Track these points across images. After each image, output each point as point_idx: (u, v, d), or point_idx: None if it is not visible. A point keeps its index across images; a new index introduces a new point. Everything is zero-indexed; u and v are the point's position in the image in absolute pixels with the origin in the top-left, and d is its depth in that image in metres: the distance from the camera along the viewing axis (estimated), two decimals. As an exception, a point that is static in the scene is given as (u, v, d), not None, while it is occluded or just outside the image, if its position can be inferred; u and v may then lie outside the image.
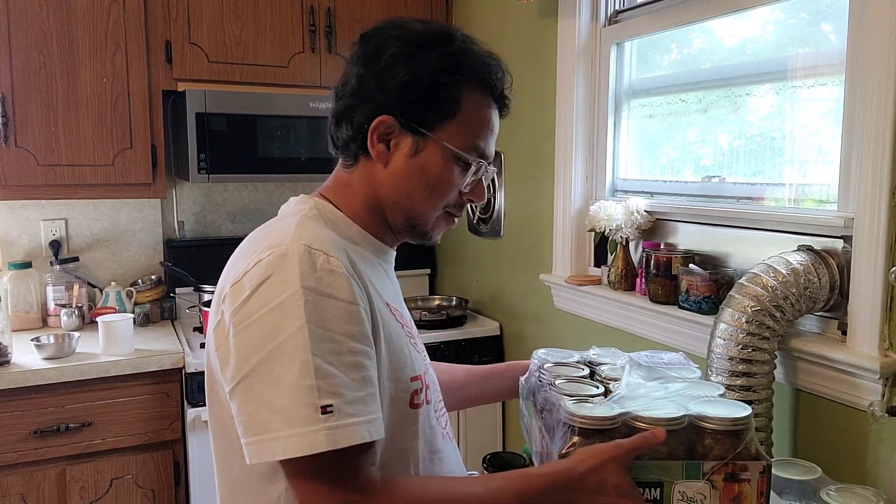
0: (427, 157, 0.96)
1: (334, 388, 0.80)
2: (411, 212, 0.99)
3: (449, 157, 0.96)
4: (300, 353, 0.80)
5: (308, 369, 0.80)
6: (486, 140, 0.99)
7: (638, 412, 0.89)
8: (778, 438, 1.39)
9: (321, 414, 0.79)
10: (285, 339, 0.81)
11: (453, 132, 0.96)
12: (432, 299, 2.74)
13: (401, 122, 0.95)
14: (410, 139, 0.95)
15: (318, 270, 0.84)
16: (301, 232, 0.88)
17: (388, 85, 0.94)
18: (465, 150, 0.97)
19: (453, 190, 0.98)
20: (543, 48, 2.17)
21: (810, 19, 1.53)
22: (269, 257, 0.85)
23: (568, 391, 0.98)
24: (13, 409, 2.00)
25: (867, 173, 1.26)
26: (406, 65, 0.93)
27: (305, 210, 0.97)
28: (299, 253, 0.84)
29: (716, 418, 0.88)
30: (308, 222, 0.93)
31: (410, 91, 0.94)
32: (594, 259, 2.09)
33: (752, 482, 0.87)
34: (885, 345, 1.25)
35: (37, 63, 2.18)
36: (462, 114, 0.96)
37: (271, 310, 0.82)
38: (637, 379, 1.00)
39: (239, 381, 0.83)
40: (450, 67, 0.94)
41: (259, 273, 0.85)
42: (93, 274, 2.61)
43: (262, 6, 2.43)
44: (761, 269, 1.34)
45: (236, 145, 2.36)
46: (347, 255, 0.90)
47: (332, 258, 0.85)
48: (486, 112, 0.98)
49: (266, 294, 0.83)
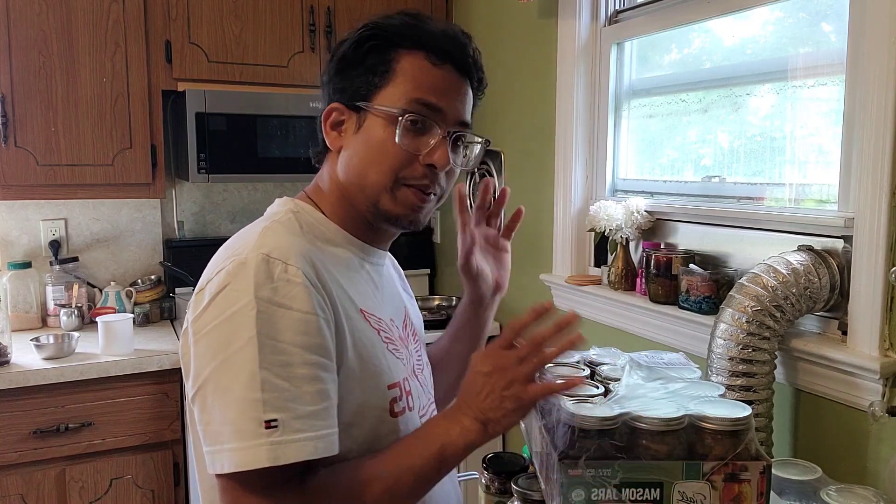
0: (369, 128, 0.93)
1: (282, 402, 0.78)
2: (367, 189, 0.94)
3: (387, 121, 0.91)
4: (248, 364, 0.79)
5: (255, 382, 0.78)
6: (436, 100, 0.92)
7: (638, 412, 0.89)
8: (778, 438, 1.39)
9: (264, 429, 0.77)
10: (235, 351, 0.79)
11: (390, 96, 0.92)
12: (432, 299, 2.74)
13: (347, 105, 0.95)
14: (355, 117, 0.94)
15: (275, 280, 0.82)
16: (263, 240, 0.87)
17: (331, 73, 0.97)
18: (403, 106, 0.91)
19: (399, 153, 0.91)
20: (543, 48, 2.17)
21: (810, 19, 1.53)
22: (229, 265, 0.84)
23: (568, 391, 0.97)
24: (13, 409, 2.00)
25: (867, 173, 1.26)
26: (339, 47, 0.96)
27: (280, 214, 0.95)
28: (256, 262, 0.83)
29: (716, 418, 0.87)
30: (275, 228, 0.91)
31: (344, 70, 0.95)
32: (594, 259, 2.09)
33: (752, 482, 0.87)
34: (885, 345, 1.25)
35: (37, 63, 2.18)
36: (397, 77, 0.92)
37: (225, 320, 0.81)
38: (637, 379, 1.00)
39: (196, 391, 0.83)
40: (375, 35, 0.94)
41: (218, 282, 0.84)
42: (92, 274, 2.61)
43: (262, 6, 2.43)
44: (761, 269, 1.34)
45: (236, 145, 2.36)
46: (314, 264, 0.87)
47: (290, 267, 0.83)
48: (431, 72, 0.93)
49: (222, 304, 0.82)
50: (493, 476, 1.12)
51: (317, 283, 0.85)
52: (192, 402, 0.84)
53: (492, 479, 1.12)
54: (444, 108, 0.93)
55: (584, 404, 0.92)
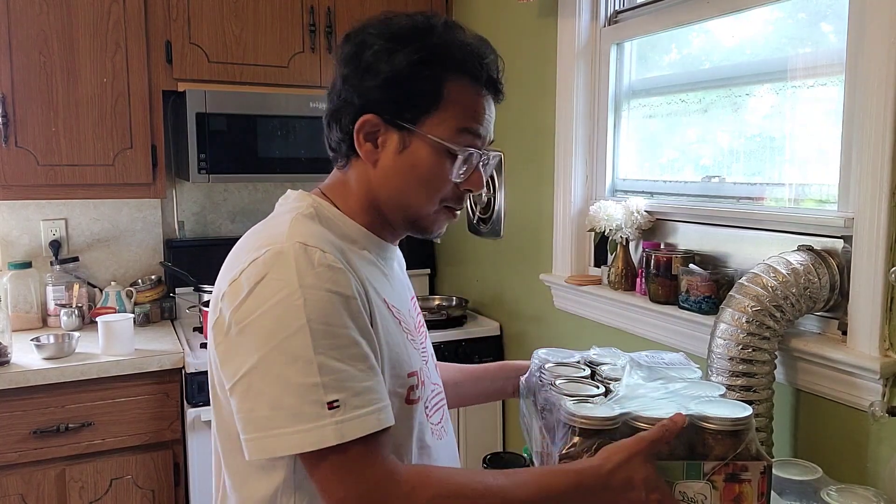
0: (415, 152, 0.95)
1: (340, 382, 0.81)
2: (409, 208, 0.98)
3: (437, 150, 0.94)
4: (302, 351, 0.81)
5: (311, 367, 0.80)
6: (478, 126, 0.97)
7: (638, 412, 0.89)
8: (778, 438, 1.39)
9: (328, 409, 0.80)
10: (286, 338, 0.81)
11: (439, 123, 0.94)
12: (432, 299, 2.74)
13: (385, 120, 0.94)
14: (396, 136, 0.95)
15: (316, 266, 0.84)
16: (295, 229, 0.89)
17: (370, 83, 0.94)
18: (453, 138, 0.95)
19: (447, 183, 0.97)
20: (543, 48, 2.17)
21: (810, 19, 1.53)
22: (264, 255, 0.85)
23: (568, 391, 0.98)
24: (13, 409, 2.00)
25: (867, 173, 1.26)
26: (386, 61, 0.93)
27: (302, 208, 0.97)
28: (295, 250, 0.85)
29: (716, 418, 0.88)
30: (302, 220, 0.93)
31: (391, 87, 0.93)
32: (594, 259, 2.09)
33: (752, 482, 0.87)
34: (885, 345, 1.25)
35: (37, 63, 2.18)
36: (447, 104, 0.94)
37: (270, 308, 0.82)
38: (637, 379, 1.00)
39: (239, 379, 0.84)
40: (428, 59, 0.93)
41: (256, 271, 0.85)
42: (93, 274, 2.61)
43: (262, 6, 2.43)
44: (761, 269, 1.34)
45: (236, 145, 2.36)
46: (342, 251, 0.90)
47: (328, 254, 0.86)
48: (474, 99, 0.96)
49: (264, 292, 0.83)
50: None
51: (351, 269, 0.88)
52: (229, 392, 0.86)
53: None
54: (484, 136, 0.98)
55: (584, 404, 0.92)
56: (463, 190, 0.99)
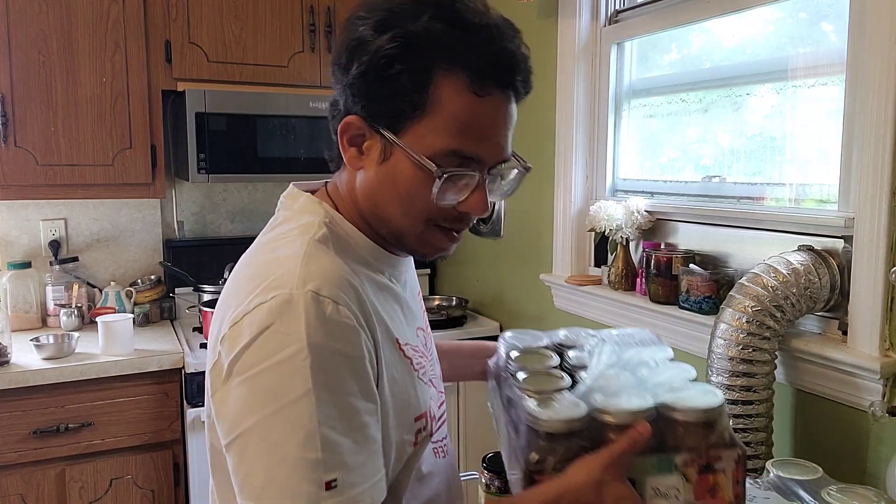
0: (396, 165, 0.81)
1: (339, 457, 0.73)
2: (390, 225, 0.85)
3: (419, 166, 0.79)
4: (305, 421, 0.72)
5: (314, 441, 0.72)
6: (475, 143, 0.80)
7: (604, 406, 0.83)
8: (778, 438, 1.39)
9: (325, 490, 0.72)
10: (288, 404, 0.72)
11: (423, 135, 0.78)
12: (432, 299, 2.74)
13: (369, 123, 0.81)
14: (380, 143, 0.81)
15: (327, 322, 0.74)
16: (309, 270, 0.77)
17: (350, 79, 0.80)
18: (439, 155, 0.78)
19: (432, 203, 0.81)
20: (543, 48, 2.16)
21: (810, 19, 1.53)
22: (271, 301, 0.75)
23: (532, 388, 0.90)
24: (13, 410, 2.00)
25: (867, 173, 1.26)
26: (365, 51, 0.78)
27: (315, 229, 0.84)
28: (305, 301, 0.74)
29: (687, 409, 0.83)
30: (316, 253, 0.81)
31: (367, 85, 0.79)
32: (594, 259, 2.09)
33: (727, 472, 0.83)
34: (885, 345, 1.25)
35: (36, 63, 2.18)
36: (434, 109, 0.78)
37: (274, 366, 0.73)
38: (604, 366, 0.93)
39: (235, 438, 0.76)
40: (408, 51, 0.76)
41: (260, 319, 0.74)
42: (92, 274, 2.61)
43: (262, 6, 2.43)
44: (762, 269, 1.34)
45: (236, 145, 2.36)
46: (358, 295, 0.79)
47: (341, 307, 0.76)
48: (471, 103, 0.78)
49: (268, 346, 0.74)
50: (492, 475, 1.12)
51: (362, 322, 0.78)
52: (224, 448, 0.78)
53: (491, 479, 1.12)
54: (485, 156, 0.81)
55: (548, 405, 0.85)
56: (460, 212, 0.84)
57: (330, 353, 0.74)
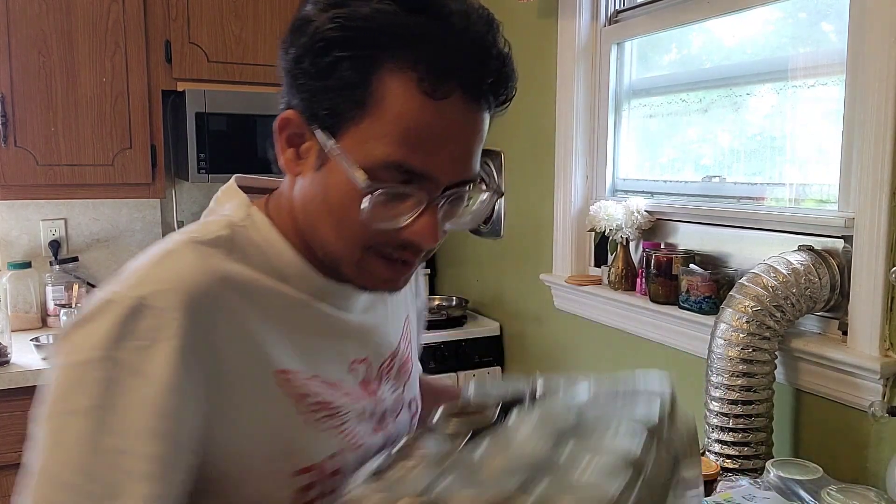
0: (329, 174, 0.66)
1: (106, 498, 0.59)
2: (325, 247, 0.70)
3: (351, 177, 0.64)
4: (76, 443, 0.60)
5: (80, 466, 0.60)
6: (422, 157, 0.63)
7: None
8: (778, 438, 1.39)
9: None
10: (67, 413, 0.61)
11: (364, 138, 0.63)
12: (432, 299, 2.74)
13: (307, 121, 0.68)
14: (316, 146, 0.67)
15: (138, 337, 0.61)
16: (154, 272, 0.65)
17: (286, 64, 0.69)
18: (377, 167, 0.63)
19: (360, 223, 0.65)
20: (543, 48, 2.17)
21: (810, 19, 1.53)
22: (99, 296, 0.64)
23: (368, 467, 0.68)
24: (13, 409, 2.00)
25: (867, 173, 1.26)
26: (302, 33, 0.66)
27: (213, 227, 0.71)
28: (124, 307, 0.61)
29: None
30: (182, 255, 0.67)
31: (301, 74, 0.67)
32: (594, 259, 2.09)
33: None
34: (885, 345, 1.25)
35: (36, 63, 2.18)
36: (377, 109, 0.63)
37: (66, 366, 0.62)
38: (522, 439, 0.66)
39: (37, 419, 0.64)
40: (350, 34, 0.62)
41: (83, 312, 0.64)
42: (92, 274, 2.60)
43: (262, 6, 2.43)
44: (762, 269, 1.34)
45: (236, 145, 2.36)
46: (221, 309, 0.65)
47: (165, 321, 0.62)
48: (424, 107, 0.62)
49: (76, 341, 0.63)
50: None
51: (199, 342, 0.63)
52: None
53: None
54: (436, 174, 0.65)
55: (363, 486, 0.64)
56: (405, 239, 0.67)
57: (129, 374, 0.61)
